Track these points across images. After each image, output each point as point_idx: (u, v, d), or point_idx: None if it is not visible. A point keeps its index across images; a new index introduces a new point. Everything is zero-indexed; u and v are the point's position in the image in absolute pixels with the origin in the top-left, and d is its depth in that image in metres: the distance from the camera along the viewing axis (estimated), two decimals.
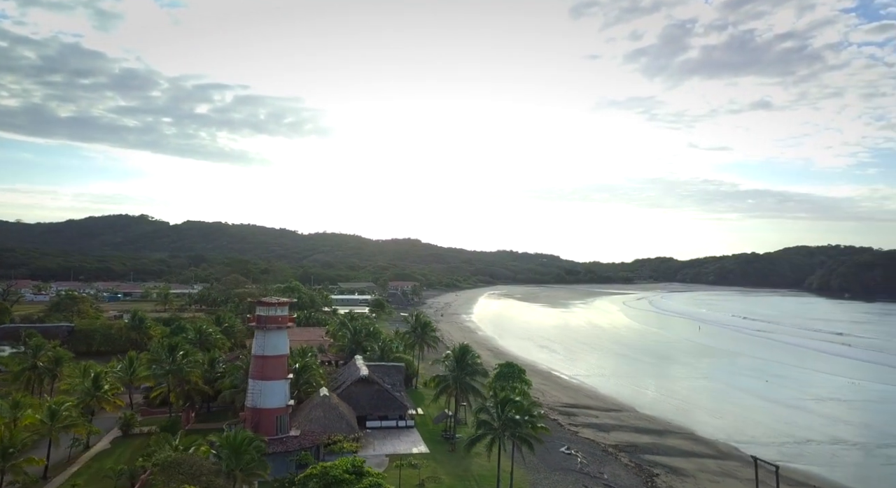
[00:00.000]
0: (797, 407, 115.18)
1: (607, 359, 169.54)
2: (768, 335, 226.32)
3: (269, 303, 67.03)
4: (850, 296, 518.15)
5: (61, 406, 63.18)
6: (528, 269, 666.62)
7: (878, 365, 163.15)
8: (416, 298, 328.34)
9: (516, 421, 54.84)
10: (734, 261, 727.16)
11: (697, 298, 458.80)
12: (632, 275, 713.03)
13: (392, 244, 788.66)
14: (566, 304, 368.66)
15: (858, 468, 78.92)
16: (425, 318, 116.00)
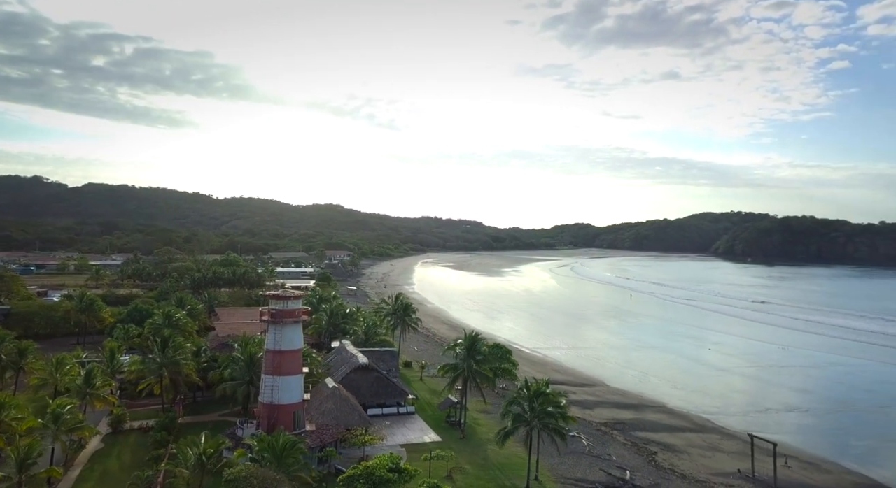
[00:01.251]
0: (744, 375, 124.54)
1: (556, 329, 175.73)
2: (695, 303, 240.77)
3: (283, 297, 65.02)
4: (752, 260, 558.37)
5: (63, 407, 59.35)
6: (456, 237, 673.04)
7: (800, 331, 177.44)
8: (354, 269, 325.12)
9: (549, 413, 56.79)
10: (648, 228, 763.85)
11: (619, 264, 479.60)
12: (553, 241, 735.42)
13: (314, 210, 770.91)
14: (500, 272, 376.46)
15: (819, 435, 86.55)
16: (405, 299, 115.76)
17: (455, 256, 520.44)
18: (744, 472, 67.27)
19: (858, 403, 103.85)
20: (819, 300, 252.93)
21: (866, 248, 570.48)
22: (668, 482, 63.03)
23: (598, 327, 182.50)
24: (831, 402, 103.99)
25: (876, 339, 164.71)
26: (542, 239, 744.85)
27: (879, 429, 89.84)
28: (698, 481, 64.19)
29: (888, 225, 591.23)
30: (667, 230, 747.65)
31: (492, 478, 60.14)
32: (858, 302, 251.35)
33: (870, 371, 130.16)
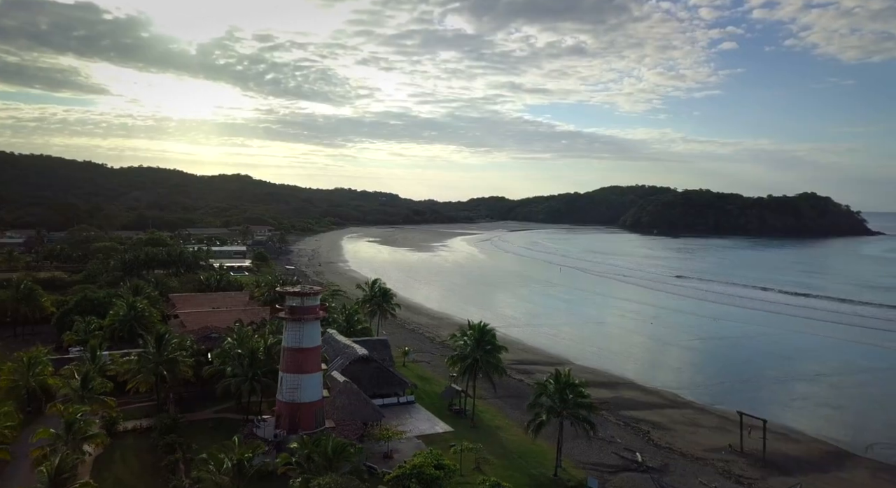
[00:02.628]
0: (690, 348, 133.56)
1: (503, 305, 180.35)
2: (620, 277, 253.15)
3: (303, 294, 63.31)
4: (658, 232, 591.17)
5: (76, 415, 55.60)
6: (376, 210, 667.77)
7: (722, 304, 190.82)
8: (282, 246, 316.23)
9: (580, 403, 59.40)
10: (560, 201, 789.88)
11: (538, 238, 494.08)
12: (472, 214, 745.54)
13: (221, 181, 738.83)
14: (428, 247, 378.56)
15: (776, 405, 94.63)
16: (382, 285, 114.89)
17: (378, 230, 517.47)
18: (733, 447, 73.09)
19: (797, 372, 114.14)
20: (729, 272, 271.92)
21: (757, 220, 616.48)
22: (673, 462, 67.48)
23: (540, 303, 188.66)
24: (773, 371, 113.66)
25: (787, 310, 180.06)
26: (461, 212, 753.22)
27: (824, 397, 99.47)
28: (698, 459, 69.14)
29: (775, 198, 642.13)
30: (577, 203, 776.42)
31: (517, 468, 62.18)
32: (763, 273, 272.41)
33: (792, 340, 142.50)
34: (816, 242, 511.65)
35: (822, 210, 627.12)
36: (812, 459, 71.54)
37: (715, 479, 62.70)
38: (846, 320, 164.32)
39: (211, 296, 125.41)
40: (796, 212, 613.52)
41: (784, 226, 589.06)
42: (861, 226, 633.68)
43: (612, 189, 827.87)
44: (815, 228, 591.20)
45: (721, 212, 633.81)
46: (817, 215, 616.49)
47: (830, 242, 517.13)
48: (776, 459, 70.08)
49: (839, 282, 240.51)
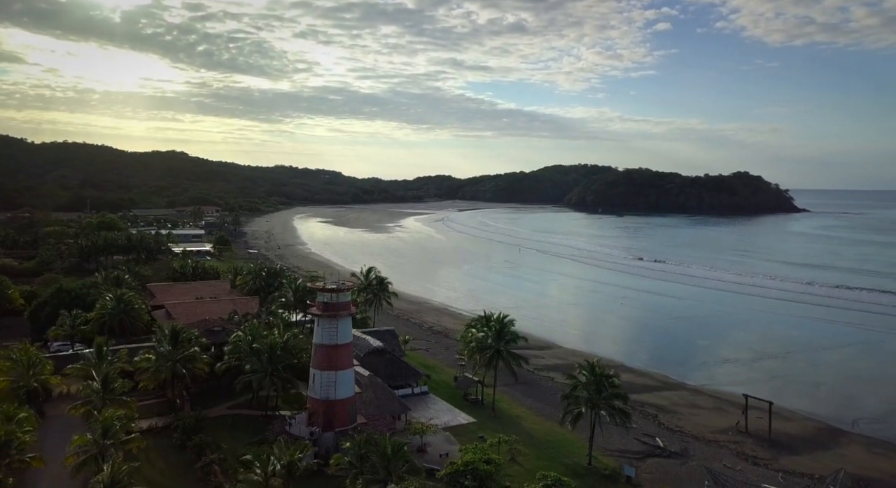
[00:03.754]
0: (664, 328, 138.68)
1: (478, 288, 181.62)
2: (579, 258, 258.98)
3: (337, 290, 62.02)
4: (603, 211, 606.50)
5: (113, 419, 53.13)
6: (324, 189, 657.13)
7: (680, 284, 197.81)
8: (235, 227, 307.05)
9: (616, 395, 61.20)
10: (506, 180, 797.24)
11: (490, 217, 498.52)
12: (420, 193, 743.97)
13: (155, 158, 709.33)
14: (384, 228, 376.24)
15: (761, 383, 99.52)
16: (377, 273, 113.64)
17: (328, 210, 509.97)
18: (739, 428, 76.85)
19: (769, 350, 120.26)
20: (680, 251, 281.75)
21: (695, 199, 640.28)
22: (689, 445, 70.57)
23: (512, 286, 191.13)
24: (747, 351, 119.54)
25: (742, 289, 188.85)
26: (409, 191, 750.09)
27: (800, 375, 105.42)
28: (710, 441, 72.40)
29: (712, 177, 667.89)
30: (523, 182, 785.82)
31: (550, 457, 63.47)
32: (712, 252, 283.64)
33: (757, 319, 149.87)
34: (750, 219, 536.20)
35: (755, 188, 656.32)
36: (810, 437, 76.14)
37: (735, 462, 66.03)
38: (799, 298, 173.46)
39: (190, 285, 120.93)
40: (731, 190, 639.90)
41: (720, 204, 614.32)
42: (789, 204, 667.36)
43: (556, 168, 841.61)
44: (747, 206, 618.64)
45: (661, 190, 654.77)
46: (750, 193, 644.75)
47: (763, 219, 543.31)
48: (780, 438, 74.22)
49: (782, 260, 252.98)
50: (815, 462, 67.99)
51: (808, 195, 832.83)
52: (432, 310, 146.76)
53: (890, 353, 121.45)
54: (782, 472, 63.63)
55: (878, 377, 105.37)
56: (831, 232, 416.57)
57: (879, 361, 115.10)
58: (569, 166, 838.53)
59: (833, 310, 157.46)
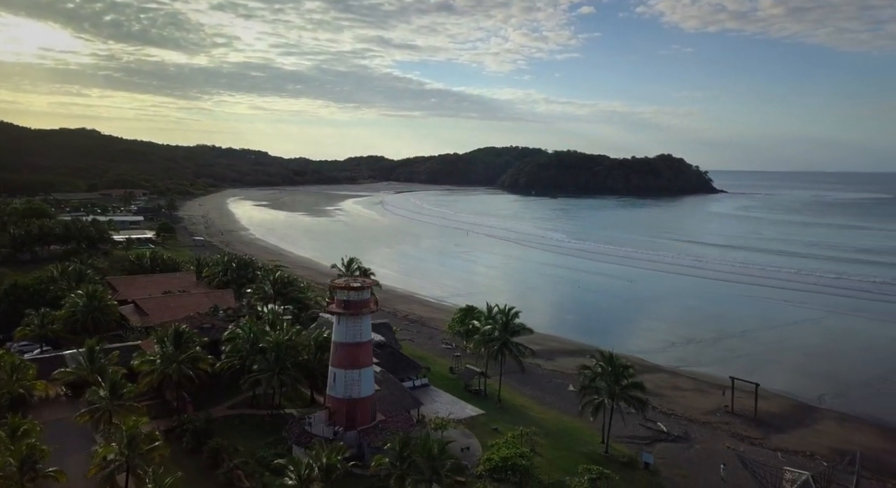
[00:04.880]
0: (624, 310, 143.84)
1: (438, 274, 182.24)
2: (525, 242, 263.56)
3: (358, 288, 60.59)
4: (536, 193, 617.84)
5: (135, 429, 50.32)
6: (254, 171, 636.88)
7: (627, 266, 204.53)
8: (170, 212, 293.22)
9: (634, 385, 63.28)
10: (440, 162, 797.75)
11: (428, 199, 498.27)
12: (354, 174, 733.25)
13: (63, 136, 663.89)
14: (324, 211, 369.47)
15: (726, 362, 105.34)
16: (358, 263, 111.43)
17: (261, 193, 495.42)
18: (726, 409, 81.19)
19: (727, 330, 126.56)
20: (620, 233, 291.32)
21: (622, 180, 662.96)
22: (688, 428, 73.96)
23: (470, 271, 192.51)
24: (707, 332, 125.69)
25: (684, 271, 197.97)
26: (342, 172, 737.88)
27: (761, 352, 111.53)
28: (705, 423, 76.17)
29: (638, 160, 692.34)
30: (457, 164, 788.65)
31: (566, 447, 65.00)
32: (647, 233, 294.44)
33: (708, 300, 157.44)
34: (674, 200, 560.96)
35: (677, 170, 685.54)
36: (788, 415, 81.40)
37: (735, 443, 69.88)
38: (736, 278, 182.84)
39: (152, 278, 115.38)
40: (656, 172, 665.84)
41: (646, 186, 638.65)
42: (708, 185, 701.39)
43: (488, 150, 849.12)
44: (671, 188, 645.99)
45: (590, 172, 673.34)
46: (673, 175, 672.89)
47: (686, 200, 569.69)
48: (763, 417, 79.06)
49: (713, 242, 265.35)
50: (801, 439, 72.91)
51: (722, 176, 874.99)
52: (399, 298, 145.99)
53: (831, 329, 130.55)
54: (780, 451, 67.94)
55: (828, 352, 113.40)
56: (750, 212, 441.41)
57: (825, 337, 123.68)
58: (500, 148, 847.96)
59: (769, 290, 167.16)
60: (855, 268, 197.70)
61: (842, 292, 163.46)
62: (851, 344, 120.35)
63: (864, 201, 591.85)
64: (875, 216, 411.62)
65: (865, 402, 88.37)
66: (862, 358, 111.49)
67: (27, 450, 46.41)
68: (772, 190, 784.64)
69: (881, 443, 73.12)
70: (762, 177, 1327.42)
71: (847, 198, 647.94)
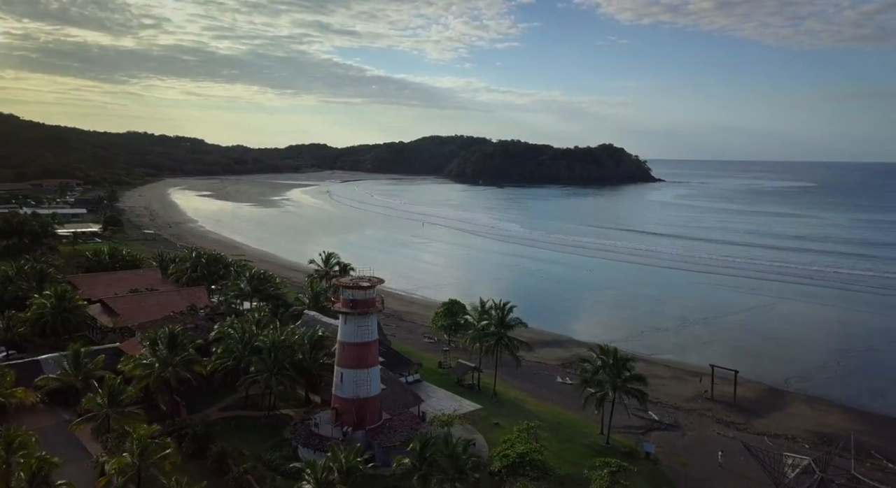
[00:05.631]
0: (591, 299, 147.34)
1: (400, 265, 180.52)
2: (480, 232, 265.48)
3: (365, 286, 59.62)
4: (484, 182, 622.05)
5: (146, 436, 48.24)
6: (192, 159, 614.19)
7: (583, 256, 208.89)
8: (112, 203, 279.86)
9: (636, 377, 64.91)
10: (386, 150, 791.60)
11: (377, 189, 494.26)
12: (297, 163, 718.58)
13: None
14: (271, 202, 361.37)
15: (695, 349, 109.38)
16: (336, 258, 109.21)
17: (202, 183, 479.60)
18: (707, 396, 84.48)
19: (689, 317, 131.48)
20: (571, 223, 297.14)
21: (566, 170, 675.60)
22: (676, 416, 76.64)
23: (432, 261, 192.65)
24: (671, 319, 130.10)
25: (639, 260, 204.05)
26: (284, 160, 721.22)
27: (724, 338, 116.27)
28: (690, 410, 78.93)
29: (580, 149, 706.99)
30: (403, 152, 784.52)
31: (568, 439, 66.05)
32: (597, 224, 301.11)
33: (667, 289, 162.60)
34: (616, 189, 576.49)
35: (618, 159, 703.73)
36: (761, 399, 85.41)
37: (724, 429, 72.91)
38: (686, 267, 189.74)
39: (116, 275, 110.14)
40: (598, 161, 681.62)
41: (589, 175, 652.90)
42: (647, 174, 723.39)
43: (433, 138, 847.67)
44: (612, 176, 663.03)
45: (535, 162, 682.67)
46: (614, 165, 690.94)
47: (627, 189, 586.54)
48: (741, 403, 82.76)
49: (660, 231, 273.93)
50: (779, 423, 76.79)
51: (658, 165, 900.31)
52: None
53: (783, 314, 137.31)
54: (766, 435, 71.36)
55: (785, 337, 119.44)
56: (688, 201, 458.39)
57: (780, 322, 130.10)
58: (445, 137, 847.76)
59: (719, 277, 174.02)
60: (795, 255, 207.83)
61: (787, 279, 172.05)
62: (803, 328, 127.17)
63: (791, 190, 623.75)
64: (802, 204, 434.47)
65: (828, 385, 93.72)
66: (815, 341, 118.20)
67: (37, 464, 43.87)
68: (705, 179, 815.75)
69: (849, 424, 77.50)
70: (695, 165, 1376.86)
71: (775, 186, 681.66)
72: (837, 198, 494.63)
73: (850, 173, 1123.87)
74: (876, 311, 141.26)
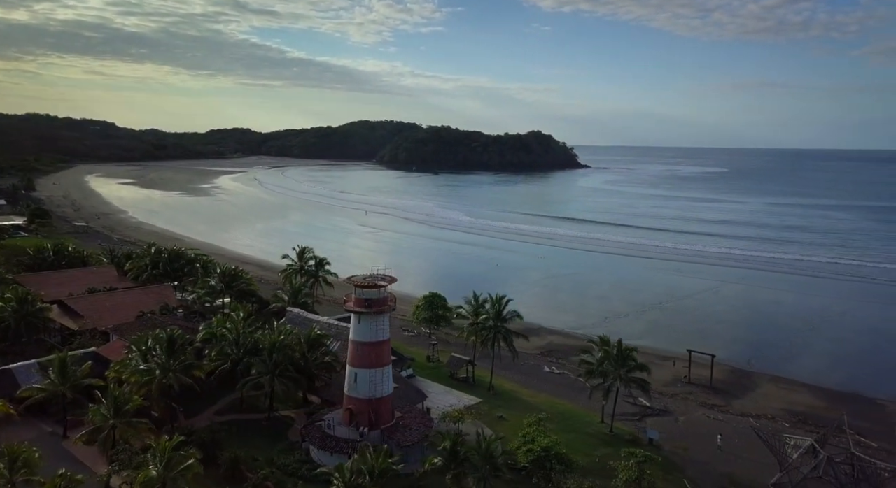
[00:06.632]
0: (547, 287, 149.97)
1: (348, 255, 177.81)
2: (424, 220, 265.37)
3: (379, 285, 58.27)
4: (418, 169, 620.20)
5: (170, 447, 45.55)
6: (107, 144, 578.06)
7: (531, 243, 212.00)
8: (28, 192, 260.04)
9: (640, 366, 66.77)
10: (314, 135, 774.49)
11: (309, 175, 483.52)
12: (221, 148, 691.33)
13: None
14: (201, 189, 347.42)
15: (657, 335, 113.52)
16: (311, 252, 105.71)
17: (122, 169, 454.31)
18: (685, 380, 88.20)
19: (644, 302, 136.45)
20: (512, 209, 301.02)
21: (497, 156, 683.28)
22: (662, 401, 79.68)
23: (385, 251, 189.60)
24: (631, 305, 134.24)
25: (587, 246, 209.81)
26: (207, 146, 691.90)
27: (682, 322, 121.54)
28: (673, 395, 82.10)
29: (511, 136, 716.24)
30: (332, 138, 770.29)
31: (572, 429, 67.22)
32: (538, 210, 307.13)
33: (616, 274, 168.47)
34: (546, 176, 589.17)
35: (547, 146, 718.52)
36: (732, 381, 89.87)
37: (707, 412, 76.48)
38: (633, 252, 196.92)
39: (68, 273, 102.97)
40: (527, 148, 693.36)
41: (519, 162, 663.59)
42: (574, 161, 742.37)
43: (363, 123, 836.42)
44: (541, 163, 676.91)
45: (467, 148, 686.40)
46: (543, 151, 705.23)
47: (557, 175, 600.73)
48: (717, 386, 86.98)
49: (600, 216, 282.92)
50: (755, 403, 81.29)
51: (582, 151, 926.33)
52: None
53: (729, 297, 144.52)
54: (749, 416, 75.38)
55: (735, 319, 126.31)
56: (617, 186, 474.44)
57: (728, 305, 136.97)
58: (376, 122, 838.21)
59: (662, 262, 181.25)
60: (727, 241, 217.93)
61: (725, 263, 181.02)
62: (748, 310, 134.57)
63: (708, 175, 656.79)
64: (721, 189, 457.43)
65: (784, 364, 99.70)
66: (762, 322, 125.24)
67: (62, 482, 40.86)
68: (627, 165, 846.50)
69: (815, 401, 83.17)
70: (616, 151, 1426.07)
71: (693, 172, 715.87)
72: (751, 184, 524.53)
73: (759, 159, 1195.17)
74: (808, 293, 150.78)
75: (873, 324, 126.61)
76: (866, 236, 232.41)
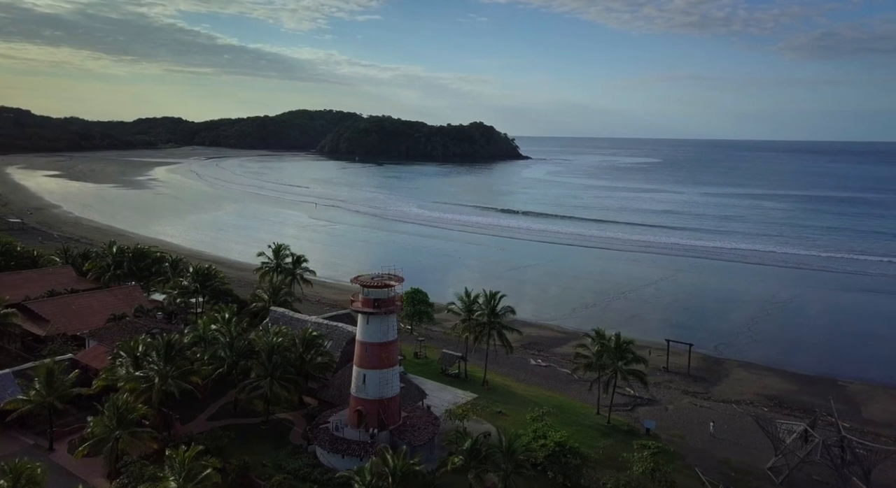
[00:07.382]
0: (512, 278, 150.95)
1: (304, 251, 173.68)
2: (384, 213, 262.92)
3: (387, 285, 57.06)
4: (360, 159, 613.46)
5: (188, 458, 43.35)
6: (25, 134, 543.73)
7: (489, 235, 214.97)
8: None
9: (639, 358, 68.17)
10: (250, 125, 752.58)
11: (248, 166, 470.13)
12: (153, 138, 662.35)
13: None
14: (137, 182, 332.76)
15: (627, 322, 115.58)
16: (286, 249, 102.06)
17: (45, 160, 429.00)
18: (665, 368, 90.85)
19: (607, 291, 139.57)
20: (464, 200, 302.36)
21: (441, 148, 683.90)
22: (650, 392, 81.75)
23: (347, 246, 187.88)
24: (595, 295, 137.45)
25: (544, 237, 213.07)
26: (136, 136, 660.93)
27: (647, 310, 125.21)
28: (656, 384, 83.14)
29: (454, 127, 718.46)
30: (269, 127, 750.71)
31: (571, 422, 68.00)
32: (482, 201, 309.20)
33: (576, 264, 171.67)
34: (489, 166, 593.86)
35: (489, 137, 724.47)
36: (705, 367, 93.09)
37: (692, 400, 79.12)
38: (586, 243, 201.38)
39: (21, 275, 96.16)
40: (470, 139, 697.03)
41: (462, 153, 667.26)
42: (515, 152, 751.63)
43: (301, 113, 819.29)
44: (484, 154, 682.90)
45: (411, 139, 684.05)
46: (486, 142, 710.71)
47: (499, 166, 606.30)
48: (694, 373, 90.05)
49: (549, 208, 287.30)
50: (732, 389, 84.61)
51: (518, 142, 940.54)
52: None
53: (685, 286, 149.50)
54: (732, 403, 78.45)
55: (695, 306, 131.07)
56: (560, 178, 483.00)
57: (686, 293, 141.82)
58: (314, 111, 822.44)
59: (616, 253, 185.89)
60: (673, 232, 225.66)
61: (675, 252, 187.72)
62: (705, 298, 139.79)
63: (643, 166, 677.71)
64: (657, 180, 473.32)
65: (749, 349, 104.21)
66: (721, 309, 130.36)
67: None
68: (566, 156, 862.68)
69: (784, 385, 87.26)
70: (552, 142, 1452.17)
71: (629, 162, 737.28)
72: (684, 174, 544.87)
73: (686, 149, 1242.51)
74: (757, 281, 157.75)
75: (819, 308, 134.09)
76: (800, 226, 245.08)
